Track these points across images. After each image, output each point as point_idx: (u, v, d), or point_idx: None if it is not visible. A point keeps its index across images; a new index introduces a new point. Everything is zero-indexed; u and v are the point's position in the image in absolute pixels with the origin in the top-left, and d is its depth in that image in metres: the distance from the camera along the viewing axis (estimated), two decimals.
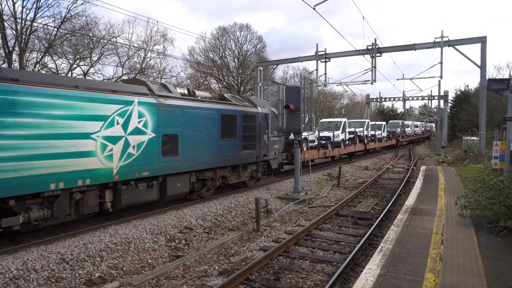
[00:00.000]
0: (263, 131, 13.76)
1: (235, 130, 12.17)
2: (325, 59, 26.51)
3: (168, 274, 6.37)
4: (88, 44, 28.92)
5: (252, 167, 13.66)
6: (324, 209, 11.27)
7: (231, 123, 11.96)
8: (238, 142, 12.36)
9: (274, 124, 13.74)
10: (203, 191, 11.57)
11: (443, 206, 8.95)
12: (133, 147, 8.69)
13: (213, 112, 11.26)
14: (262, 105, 14.18)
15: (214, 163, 11.29)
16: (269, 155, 14.20)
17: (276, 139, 14.54)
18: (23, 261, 6.25)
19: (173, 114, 9.79)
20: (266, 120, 13.86)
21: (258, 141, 13.40)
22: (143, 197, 9.13)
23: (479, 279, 4.58)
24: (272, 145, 14.37)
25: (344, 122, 24.05)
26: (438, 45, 23.03)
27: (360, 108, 62.65)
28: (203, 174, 11.12)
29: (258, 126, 13.45)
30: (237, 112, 12.33)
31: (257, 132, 13.39)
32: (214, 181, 11.69)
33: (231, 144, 11.98)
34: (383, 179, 17.95)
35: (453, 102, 50.02)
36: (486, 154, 21.59)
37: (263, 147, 13.78)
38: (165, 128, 9.53)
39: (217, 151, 11.35)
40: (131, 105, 8.64)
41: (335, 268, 6.46)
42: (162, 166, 9.44)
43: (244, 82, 43.92)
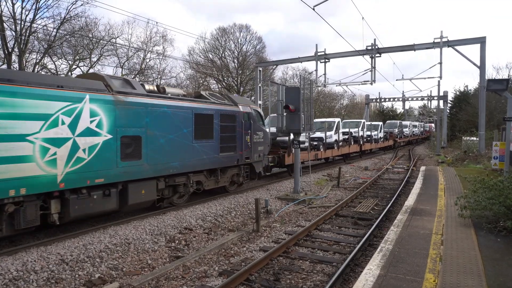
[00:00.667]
0: (245, 131, 12.65)
1: (211, 130, 11.10)
2: (325, 59, 26.55)
3: (168, 274, 6.37)
4: (87, 45, 28.94)
5: (233, 171, 12.57)
6: (324, 210, 11.27)
7: (206, 123, 10.89)
8: (215, 143, 11.28)
9: (257, 124, 13.18)
10: (175, 198, 10.47)
11: (443, 206, 8.95)
12: (83, 150, 7.61)
13: (185, 111, 10.17)
14: (244, 103, 13.06)
15: (186, 167, 10.22)
16: (252, 157, 13.07)
17: (261, 140, 13.60)
18: (22, 262, 6.25)
19: (136, 113, 8.75)
20: (248, 119, 12.80)
21: (239, 143, 12.32)
22: (98, 207, 8.02)
23: (479, 279, 4.58)
24: (255, 147, 13.25)
25: (338, 122, 23.11)
26: (437, 46, 23.07)
27: (360, 109, 62.74)
28: (174, 180, 10.04)
29: (239, 126, 12.34)
30: (213, 111, 11.21)
31: (238, 133, 12.29)
32: (187, 187, 10.55)
33: (206, 146, 10.89)
34: (383, 179, 17.96)
35: (452, 103, 50.11)
36: (485, 155, 21.62)
37: (245, 149, 12.66)
38: (125, 129, 8.47)
39: (189, 154, 10.28)
40: (80, 103, 7.55)
41: (335, 269, 6.45)
42: (121, 171, 8.36)
43: (244, 82, 43.97)
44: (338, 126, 22.81)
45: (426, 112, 65.42)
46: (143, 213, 9.87)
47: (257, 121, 13.39)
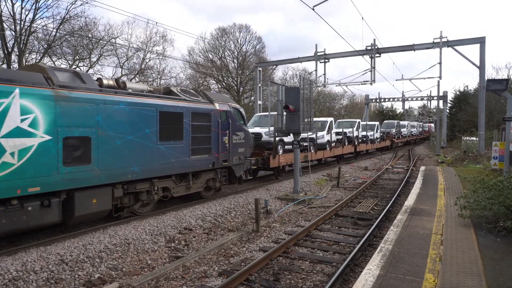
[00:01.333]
0: (223, 132, 11.56)
1: (180, 130, 10.04)
2: (324, 59, 26.58)
3: (168, 275, 6.37)
4: (87, 45, 28.94)
5: (208, 175, 11.43)
6: (324, 210, 11.27)
7: (174, 122, 9.85)
8: (186, 145, 10.20)
9: (237, 124, 12.24)
10: (136, 207, 9.37)
11: (442, 206, 8.95)
12: (11, 154, 6.49)
13: (147, 108, 9.12)
14: (221, 101, 12.05)
15: (150, 172, 9.18)
16: (231, 160, 11.99)
17: (242, 141, 12.55)
18: (22, 262, 6.24)
19: (83, 111, 7.66)
20: (226, 119, 11.76)
21: (214, 144, 11.24)
22: (34, 220, 6.92)
23: (478, 279, 4.59)
24: (235, 148, 12.21)
25: (330, 122, 21.83)
26: (437, 46, 23.09)
27: (359, 109, 62.74)
28: (134, 186, 8.99)
29: (215, 126, 11.26)
30: (183, 108, 10.12)
31: (214, 133, 11.21)
32: (151, 195, 9.49)
33: (175, 148, 9.83)
34: (382, 179, 17.96)
35: (452, 103, 50.15)
36: (485, 155, 21.63)
37: (223, 151, 11.59)
38: (69, 129, 7.36)
39: (153, 157, 9.22)
40: (7, 97, 6.46)
41: (335, 269, 6.45)
42: (64, 178, 7.25)
43: (244, 82, 43.99)
44: (331, 126, 21.76)
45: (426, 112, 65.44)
46: (142, 213, 9.86)
47: (237, 121, 12.36)
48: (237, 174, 12.64)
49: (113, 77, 30.77)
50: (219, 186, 12.16)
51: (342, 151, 23.14)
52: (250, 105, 42.27)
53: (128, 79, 32.07)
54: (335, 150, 22.16)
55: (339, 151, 22.66)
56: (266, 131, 15.21)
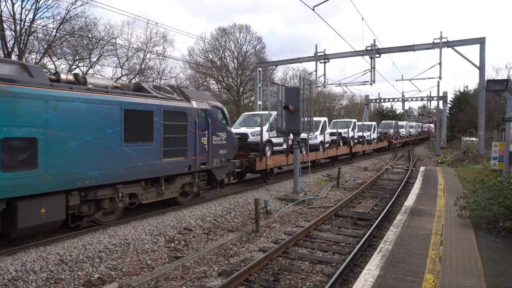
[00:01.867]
0: (201, 132, 10.74)
1: (150, 131, 9.19)
2: (324, 60, 26.58)
3: (168, 275, 6.37)
4: (87, 45, 28.94)
5: (184, 179, 10.56)
6: (324, 210, 11.27)
7: (143, 121, 9.01)
8: (157, 147, 9.34)
9: (217, 123, 11.51)
10: (98, 215, 8.42)
11: (442, 206, 8.95)
12: None
13: (110, 106, 8.20)
14: (200, 98, 11.15)
15: (112, 177, 8.28)
16: (210, 163, 11.14)
17: (224, 142, 11.75)
18: (22, 262, 6.24)
19: (28, 108, 6.79)
20: (205, 118, 10.95)
21: (191, 146, 10.38)
22: None
23: (478, 279, 4.59)
24: (215, 150, 11.38)
25: (324, 121, 20.97)
26: (437, 46, 23.09)
27: (359, 109, 62.75)
28: (94, 193, 8.07)
29: (192, 126, 10.41)
30: (154, 106, 9.27)
31: (190, 134, 10.36)
32: (115, 202, 8.58)
33: (143, 151, 8.97)
34: (382, 179, 17.97)
35: (452, 103, 50.17)
36: (485, 155, 21.63)
37: (201, 153, 10.75)
38: (9, 129, 6.51)
39: (117, 161, 8.32)
40: None
41: (335, 269, 6.46)
42: (3, 185, 6.40)
43: (244, 83, 44.00)
44: (324, 126, 20.97)
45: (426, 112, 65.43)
46: (142, 214, 9.87)
47: (218, 120, 11.59)
48: (218, 178, 11.70)
49: (113, 77, 30.80)
50: (197, 191, 11.18)
51: (336, 152, 22.25)
52: (250, 105, 42.28)
53: (128, 79, 32.09)
54: (329, 151, 21.29)
55: (333, 152, 21.80)
56: (253, 131, 14.71)
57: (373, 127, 31.09)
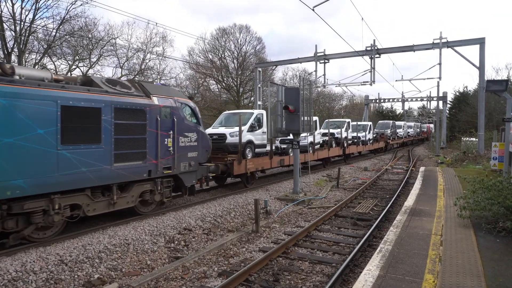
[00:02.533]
0: (164, 132, 9.59)
1: (97, 131, 7.98)
2: (324, 60, 26.59)
3: (167, 275, 6.37)
4: (87, 45, 28.94)
5: (143, 186, 9.31)
6: (324, 210, 11.27)
7: (88, 120, 7.79)
8: (106, 150, 8.15)
9: (186, 123, 10.30)
10: (28, 231, 7.13)
11: (442, 207, 8.96)
12: None
13: (40, 101, 7.01)
14: (164, 94, 9.91)
15: (45, 186, 7.06)
16: (176, 167, 9.96)
17: (194, 144, 10.55)
18: (21, 262, 6.24)
19: None
20: (170, 116, 9.82)
21: (152, 148, 9.23)
22: None
23: (478, 280, 4.59)
24: (183, 153, 10.20)
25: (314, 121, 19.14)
26: (436, 46, 23.10)
27: (359, 109, 62.76)
28: (21, 206, 6.82)
29: (153, 126, 9.28)
30: (101, 102, 8.08)
31: (150, 135, 9.20)
32: (50, 216, 7.27)
33: (87, 154, 7.73)
34: (382, 180, 17.97)
35: (452, 103, 50.23)
36: (485, 155, 21.65)
37: (165, 156, 9.62)
38: None
39: (51, 166, 7.12)
40: None
41: (335, 269, 6.46)
42: None
43: (244, 83, 43.98)
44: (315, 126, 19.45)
45: (426, 113, 65.41)
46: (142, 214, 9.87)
47: (187, 119, 10.47)
48: (186, 184, 10.52)
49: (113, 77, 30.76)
50: (161, 200, 9.91)
51: (328, 154, 20.89)
52: (250, 105, 42.27)
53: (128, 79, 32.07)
54: (320, 152, 19.93)
55: (324, 154, 20.41)
56: (232, 131, 13.56)
57: (369, 127, 29.96)
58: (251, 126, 14.14)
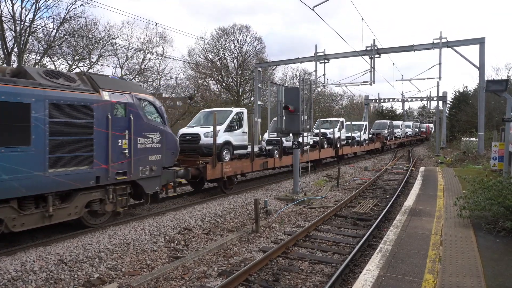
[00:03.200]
0: (118, 132, 8.40)
1: (26, 130, 6.82)
2: (324, 60, 26.59)
3: (167, 275, 6.37)
4: (87, 45, 28.94)
5: (90, 195, 8.05)
6: (323, 210, 11.27)
7: (11, 117, 6.63)
8: (38, 153, 6.96)
9: (146, 122, 9.07)
10: None
11: (442, 207, 8.96)
12: None
13: None
14: (117, 89, 8.63)
15: None
16: (134, 172, 8.76)
17: (157, 146, 9.32)
18: (21, 262, 6.24)
19: None
20: (126, 114, 8.64)
21: (100, 151, 8.01)
22: None
23: (478, 280, 4.59)
24: (143, 156, 9.01)
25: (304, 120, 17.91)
26: (436, 46, 23.09)
27: (359, 109, 62.74)
28: None
29: (102, 125, 8.06)
30: (32, 97, 6.89)
31: (98, 135, 7.96)
32: None
33: (11, 158, 6.57)
34: (382, 180, 17.97)
35: (452, 103, 50.27)
36: (485, 155, 21.65)
37: (119, 159, 8.41)
38: None
39: None
40: None
41: (334, 269, 6.46)
42: None
43: (244, 83, 44.00)
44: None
45: (426, 113, 65.39)
46: (142, 214, 9.87)
47: (147, 117, 9.21)
48: (147, 191, 9.31)
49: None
50: (116, 209, 8.69)
51: (318, 156, 19.48)
52: (250, 105, 42.28)
53: (128, 79, 32.07)
54: (310, 154, 17.93)
55: (314, 155, 18.77)
56: (207, 131, 12.32)
57: (364, 127, 28.50)
58: (230, 126, 12.96)
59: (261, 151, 15.59)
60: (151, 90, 33.31)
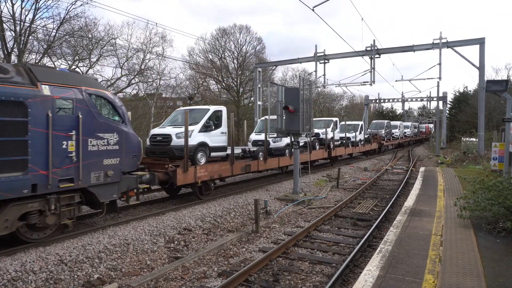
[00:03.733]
0: (62, 133, 7.26)
1: None
2: (324, 60, 26.61)
3: (167, 275, 6.36)
4: (87, 45, 28.93)
5: (26, 206, 6.86)
6: (323, 210, 11.27)
7: None
8: None
9: (99, 120, 7.88)
10: None
11: (442, 207, 8.95)
12: None
13: None
14: (60, 81, 7.39)
15: None
16: (83, 178, 7.55)
17: (113, 148, 8.17)
18: (21, 262, 6.23)
19: None
20: (74, 111, 7.46)
21: (38, 154, 6.86)
22: None
23: (478, 280, 4.58)
24: (96, 159, 7.83)
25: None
26: (436, 47, 23.11)
27: (359, 110, 62.74)
28: None
29: (41, 124, 6.91)
30: None
31: (35, 136, 6.82)
32: None
33: None
34: (382, 180, 17.96)
35: (452, 104, 50.31)
36: (485, 155, 21.66)
37: (63, 164, 7.25)
38: None
39: None
40: None
41: (334, 270, 6.45)
42: None
43: (244, 83, 43.98)
44: None
45: (426, 113, 65.39)
46: (142, 214, 9.86)
47: (103, 115, 8.11)
48: (102, 200, 8.10)
49: (112, 77, 30.75)
50: (57, 222, 7.46)
51: (309, 157, 17.72)
52: (250, 105, 42.29)
53: (128, 79, 32.07)
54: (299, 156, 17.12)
55: (304, 157, 17.15)
56: (179, 131, 11.11)
57: (360, 127, 27.21)
58: (206, 126, 11.77)
59: (244, 153, 14.45)
60: (151, 90, 33.35)
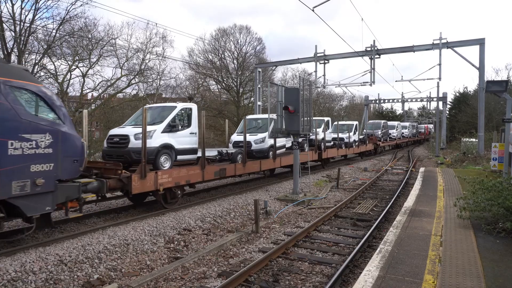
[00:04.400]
0: None
1: None
2: (324, 60, 26.62)
3: (167, 276, 6.36)
4: (87, 45, 28.93)
5: None
6: (323, 211, 11.27)
7: None
8: None
9: (22, 118, 6.48)
10: None
11: (442, 207, 8.95)
12: None
13: None
14: None
15: None
16: (2, 189, 6.20)
17: (45, 151, 6.79)
18: (21, 263, 6.23)
19: None
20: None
21: None
22: None
23: (478, 280, 4.58)
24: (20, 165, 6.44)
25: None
26: (436, 47, 23.13)
27: (359, 110, 62.79)
28: None
29: None
30: None
31: None
32: None
33: None
34: (382, 180, 17.97)
35: (452, 104, 50.34)
36: (485, 156, 21.67)
37: None
38: None
39: None
40: None
41: (334, 270, 6.45)
42: None
43: (244, 83, 43.99)
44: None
45: (425, 113, 65.43)
46: (141, 214, 9.86)
47: (29, 112, 6.72)
48: (29, 213, 6.70)
49: (112, 77, 30.75)
50: None
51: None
52: (250, 105, 42.28)
53: (128, 79, 32.07)
54: (283, 158, 15.82)
55: (289, 160, 15.72)
56: (138, 132, 9.72)
57: (354, 127, 25.95)
58: (171, 125, 10.43)
59: (221, 156, 13.34)
60: (151, 91, 33.36)
